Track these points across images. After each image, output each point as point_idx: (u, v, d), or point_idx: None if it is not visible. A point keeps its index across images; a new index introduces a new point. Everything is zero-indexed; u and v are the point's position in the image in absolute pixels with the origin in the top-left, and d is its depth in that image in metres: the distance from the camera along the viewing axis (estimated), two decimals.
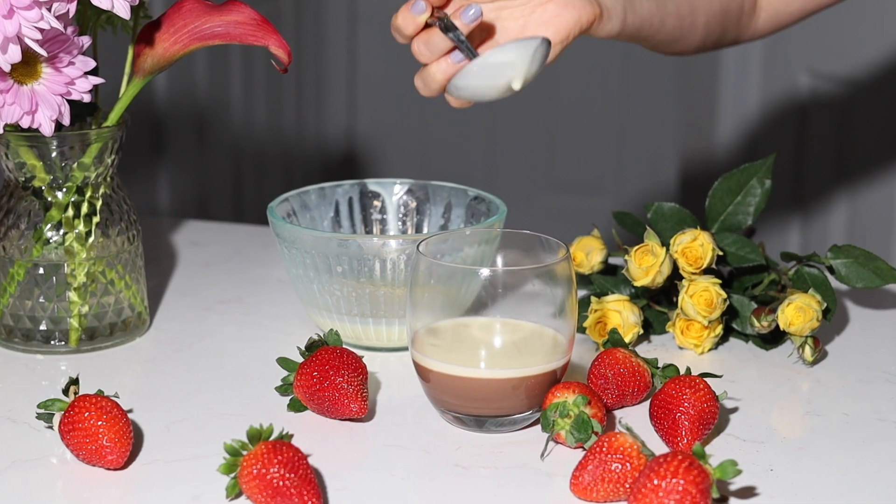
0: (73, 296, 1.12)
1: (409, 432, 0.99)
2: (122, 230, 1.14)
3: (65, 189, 1.11)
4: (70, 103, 1.05)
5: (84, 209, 1.12)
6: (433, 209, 1.23)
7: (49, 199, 1.11)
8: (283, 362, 1.02)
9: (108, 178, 1.13)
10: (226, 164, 2.86)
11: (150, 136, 2.57)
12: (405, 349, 1.13)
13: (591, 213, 3.10)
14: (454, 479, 0.93)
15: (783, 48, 2.49)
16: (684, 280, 1.13)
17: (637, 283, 1.13)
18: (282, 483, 0.86)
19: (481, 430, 0.99)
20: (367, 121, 3.38)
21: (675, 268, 1.13)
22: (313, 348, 1.01)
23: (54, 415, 0.95)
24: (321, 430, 0.99)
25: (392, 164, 3.36)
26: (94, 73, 1.05)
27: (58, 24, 0.98)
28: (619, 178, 3.30)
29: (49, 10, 0.98)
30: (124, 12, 1.01)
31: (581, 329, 1.12)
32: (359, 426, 1.00)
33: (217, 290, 1.28)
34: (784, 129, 2.59)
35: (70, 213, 1.11)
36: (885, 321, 1.22)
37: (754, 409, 1.03)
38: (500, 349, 1.00)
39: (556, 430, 0.95)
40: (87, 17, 1.10)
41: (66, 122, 1.04)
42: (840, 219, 2.45)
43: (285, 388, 1.02)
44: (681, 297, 1.11)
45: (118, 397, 0.96)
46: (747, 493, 0.91)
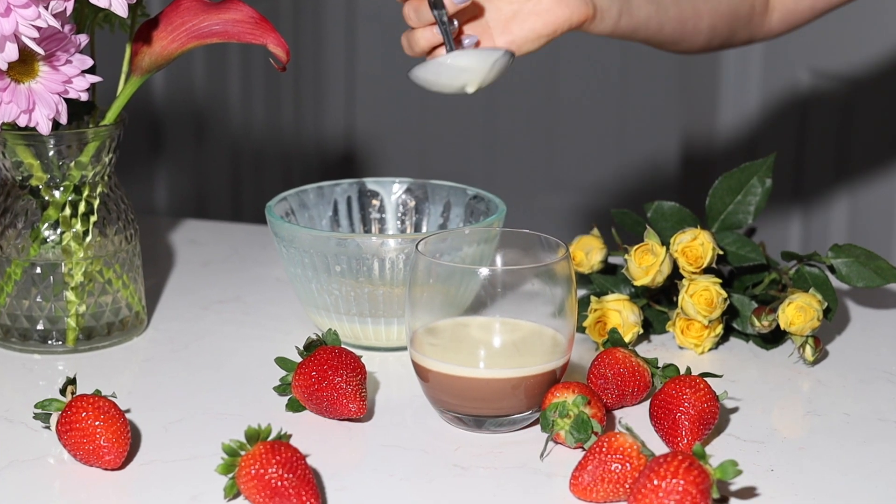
0: (70, 295, 1.12)
1: (408, 432, 0.99)
2: (120, 229, 1.14)
3: (62, 188, 1.11)
4: (67, 102, 1.04)
5: (81, 208, 1.11)
6: (432, 208, 1.23)
7: (46, 198, 1.11)
8: (282, 362, 1.02)
9: (106, 177, 1.13)
10: (224, 162, 2.86)
11: (147, 134, 2.57)
12: (404, 349, 1.12)
13: (590, 212, 3.10)
14: (453, 479, 0.92)
15: (783, 46, 2.49)
16: (684, 279, 1.12)
17: (637, 283, 1.12)
18: (280, 483, 0.85)
19: (480, 430, 0.99)
20: (366, 119, 3.37)
21: (675, 267, 1.13)
22: (312, 348, 1.01)
23: (52, 415, 0.95)
24: (320, 430, 0.99)
25: (391, 162, 3.36)
26: (91, 71, 1.05)
27: (55, 23, 0.98)
28: (619, 177, 3.30)
29: (46, 8, 0.98)
30: (122, 10, 1.01)
31: (581, 329, 1.12)
32: (357, 426, 1.00)
33: (215, 289, 1.28)
34: (784, 127, 2.59)
35: (67, 212, 1.11)
36: (886, 321, 1.21)
37: (755, 409, 1.03)
38: (499, 349, 1.00)
39: (555, 431, 0.94)
40: (85, 15, 1.10)
41: (64, 120, 1.04)
42: (841, 218, 2.45)
43: (284, 388, 1.02)
44: (681, 297, 1.11)
45: (116, 397, 0.96)
46: (748, 493, 0.90)
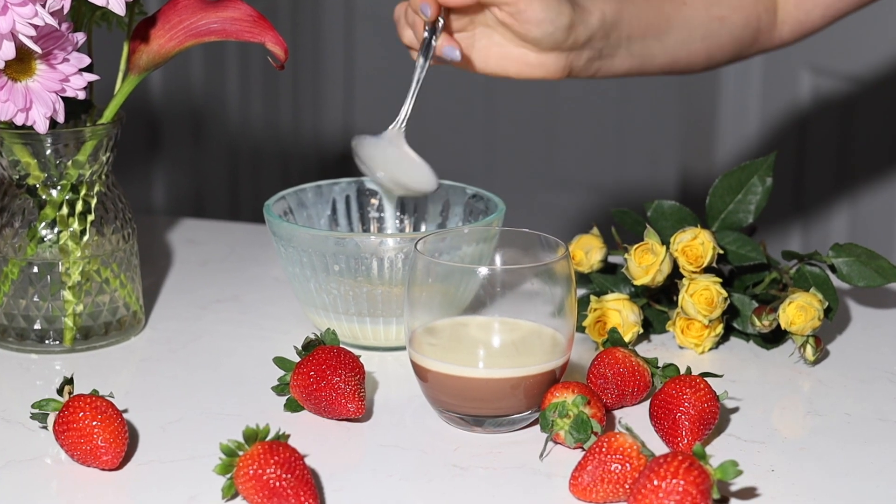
0: (67, 295, 1.11)
1: (407, 432, 0.99)
2: (118, 228, 1.14)
3: (59, 187, 1.10)
4: (65, 100, 1.04)
5: (79, 207, 1.11)
6: (431, 207, 1.23)
7: (43, 197, 1.10)
8: (280, 362, 1.01)
9: (103, 176, 1.13)
10: (222, 161, 2.86)
11: (145, 133, 2.57)
12: (403, 349, 1.12)
13: (590, 212, 3.10)
14: (452, 479, 0.92)
15: None
16: (684, 279, 1.12)
17: (637, 282, 1.12)
18: (278, 484, 0.85)
19: (479, 431, 0.98)
20: (365, 118, 3.37)
21: (675, 266, 1.13)
22: (310, 348, 1.01)
23: (49, 415, 0.95)
24: (318, 431, 0.99)
25: None
26: (88, 69, 1.05)
27: (52, 21, 0.98)
28: (619, 176, 3.30)
29: (43, 6, 0.98)
30: (119, 8, 1.01)
31: (580, 328, 1.12)
32: (356, 426, 1.00)
33: (213, 288, 1.28)
34: (785, 125, 2.59)
35: (64, 211, 1.11)
36: (888, 320, 1.21)
37: (755, 409, 1.03)
38: (498, 348, 1.00)
39: (555, 431, 0.94)
40: (82, 13, 1.10)
41: (61, 119, 1.04)
42: (842, 217, 2.44)
43: (282, 388, 1.02)
44: (681, 296, 1.11)
45: (113, 397, 0.96)
46: (748, 493, 0.90)
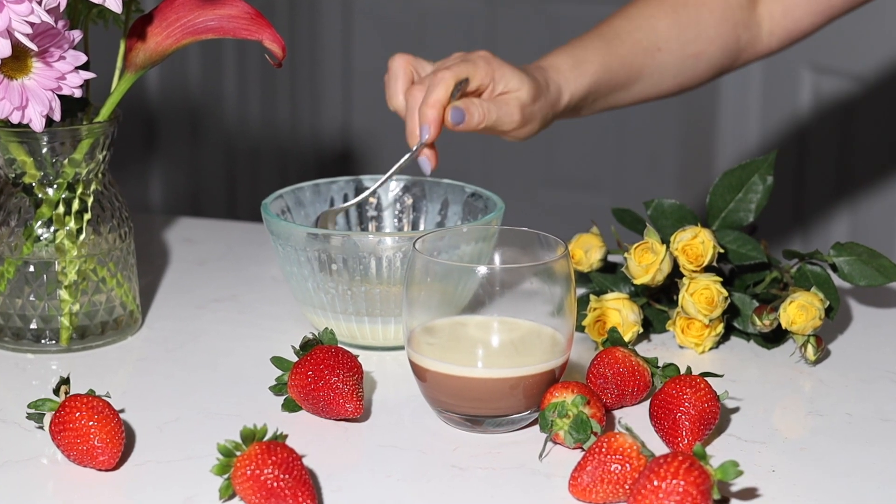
0: (63, 294, 1.11)
1: (406, 432, 0.99)
2: (114, 227, 1.13)
3: (55, 185, 1.10)
4: (61, 98, 1.04)
5: (75, 206, 1.11)
6: (430, 206, 1.22)
7: (39, 195, 1.10)
8: (278, 361, 1.01)
9: (100, 175, 1.12)
10: (219, 160, 2.86)
11: (142, 131, 2.57)
12: (401, 348, 1.12)
13: (590, 210, 3.09)
14: (451, 479, 0.92)
15: None
16: (685, 278, 1.12)
17: (637, 281, 1.12)
18: (276, 484, 0.85)
19: (478, 431, 0.98)
20: (363, 116, 3.37)
21: (675, 265, 1.13)
22: (308, 347, 1.00)
23: (45, 415, 0.95)
24: (316, 431, 0.98)
25: (388, 159, 3.34)
26: (85, 67, 1.04)
27: (48, 18, 0.98)
28: (619, 175, 3.29)
29: (39, 3, 0.98)
30: (116, 6, 1.01)
31: (580, 328, 1.12)
32: (354, 426, 1.00)
33: (210, 288, 1.28)
34: (786, 124, 2.59)
35: (61, 209, 1.10)
36: (889, 320, 1.21)
37: (756, 409, 1.03)
38: (497, 348, 1.00)
39: (554, 431, 0.94)
40: (79, 10, 1.09)
41: (57, 117, 1.04)
42: (843, 215, 2.44)
43: (280, 388, 1.01)
44: (681, 296, 1.11)
45: (110, 397, 0.96)
46: (749, 494, 0.90)
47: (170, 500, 0.89)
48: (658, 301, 1.17)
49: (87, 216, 1.12)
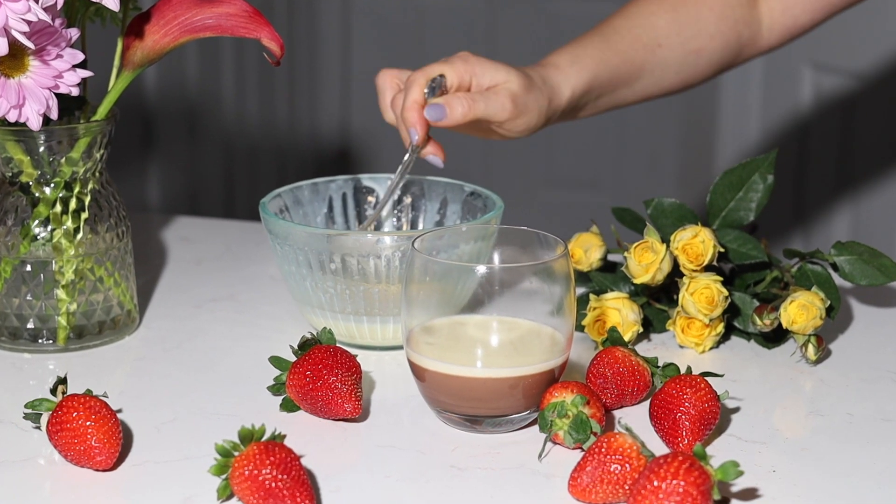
0: (61, 293, 1.11)
1: (404, 433, 0.99)
2: (111, 226, 1.13)
3: (53, 184, 1.10)
4: (58, 97, 1.04)
5: (72, 205, 1.11)
6: (428, 205, 1.22)
7: (37, 194, 1.10)
8: (276, 361, 1.01)
9: (97, 174, 1.12)
10: (217, 158, 2.85)
11: (139, 130, 2.57)
12: (400, 348, 1.12)
13: (589, 209, 3.09)
14: (450, 480, 0.92)
15: None
16: (685, 277, 1.12)
17: (637, 281, 1.12)
18: (274, 484, 0.85)
19: (478, 431, 0.98)
20: (362, 115, 3.37)
21: (675, 265, 1.12)
22: (306, 347, 1.00)
23: (42, 415, 0.95)
24: (314, 431, 0.98)
25: (386, 158, 3.35)
26: (82, 66, 1.04)
27: (45, 16, 0.98)
28: (619, 174, 3.29)
29: (36, 1, 0.98)
30: (113, 4, 1.01)
31: (580, 327, 1.12)
32: (353, 426, 0.99)
33: (208, 287, 1.28)
34: (786, 123, 2.59)
35: (58, 208, 1.10)
36: (890, 319, 1.21)
37: (756, 409, 1.03)
38: (496, 348, 0.99)
39: (554, 431, 0.94)
40: (76, 8, 1.09)
41: (54, 116, 1.04)
42: (844, 214, 2.44)
43: (278, 388, 1.01)
44: (681, 295, 1.10)
45: (107, 397, 0.95)
46: (749, 494, 0.90)
47: (167, 501, 0.88)
48: (658, 300, 1.17)
49: (85, 215, 1.11)
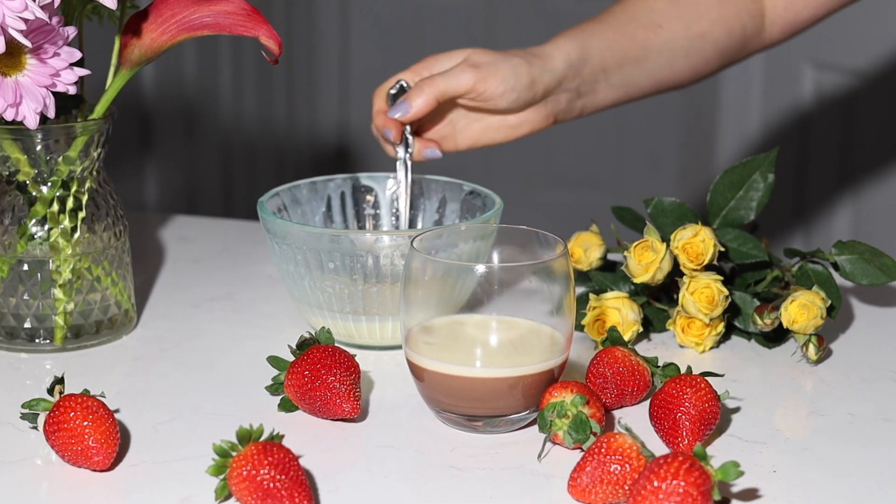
0: (58, 293, 1.11)
1: (403, 433, 0.99)
2: (109, 225, 1.13)
3: (50, 183, 1.10)
4: (55, 95, 1.04)
5: (69, 204, 1.10)
6: (427, 204, 1.22)
7: (34, 193, 1.10)
8: (274, 361, 1.01)
9: (94, 173, 1.12)
10: (215, 157, 2.85)
11: (137, 129, 2.56)
12: (399, 348, 1.12)
13: (589, 209, 3.09)
14: (449, 480, 0.92)
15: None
16: (685, 277, 1.12)
17: (636, 280, 1.11)
18: (272, 485, 0.85)
19: (477, 431, 0.98)
20: (360, 114, 3.36)
21: (675, 264, 1.12)
22: (304, 347, 1.00)
23: (39, 415, 0.95)
24: (313, 431, 0.98)
25: (385, 157, 3.34)
26: (79, 64, 1.04)
27: (42, 15, 0.98)
28: (619, 173, 3.29)
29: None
30: (111, 2, 1.01)
31: (579, 327, 1.12)
32: (351, 426, 0.99)
33: (206, 287, 1.27)
34: (787, 122, 2.59)
35: (55, 207, 1.10)
36: (891, 319, 1.21)
37: (757, 409, 1.02)
38: (496, 347, 0.99)
39: (553, 431, 0.94)
40: (73, 6, 1.09)
41: (51, 114, 1.03)
42: (845, 213, 2.44)
43: (276, 388, 1.01)
44: (681, 295, 1.10)
45: (104, 397, 0.95)
46: (750, 495, 0.90)
47: (165, 501, 0.88)
48: (658, 300, 1.17)
49: (82, 214, 1.11)
